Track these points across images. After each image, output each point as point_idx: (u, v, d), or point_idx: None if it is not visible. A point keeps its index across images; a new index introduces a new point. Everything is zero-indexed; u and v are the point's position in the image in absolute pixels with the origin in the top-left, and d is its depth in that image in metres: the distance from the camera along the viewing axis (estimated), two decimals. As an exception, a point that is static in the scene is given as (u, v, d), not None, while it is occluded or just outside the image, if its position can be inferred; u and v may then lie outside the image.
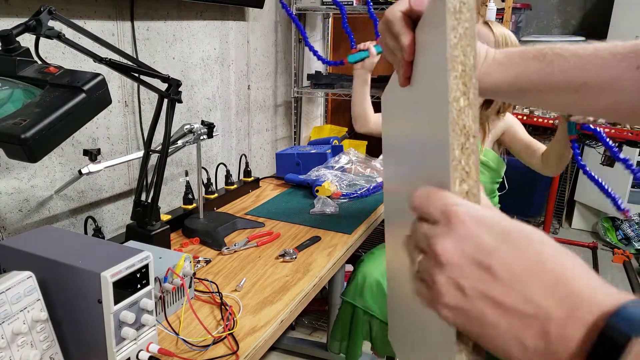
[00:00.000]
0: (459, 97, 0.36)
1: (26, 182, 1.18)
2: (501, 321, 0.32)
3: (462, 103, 0.36)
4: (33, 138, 0.72)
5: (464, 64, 0.36)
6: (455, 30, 0.36)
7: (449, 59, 0.36)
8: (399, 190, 0.62)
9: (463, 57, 0.37)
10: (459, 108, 0.36)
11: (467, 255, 0.33)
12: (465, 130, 0.36)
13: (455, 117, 0.36)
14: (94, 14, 1.30)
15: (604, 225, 3.34)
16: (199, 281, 1.10)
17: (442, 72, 0.38)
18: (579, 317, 0.30)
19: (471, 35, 0.37)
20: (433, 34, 0.43)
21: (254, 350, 0.90)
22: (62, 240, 0.82)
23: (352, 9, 2.14)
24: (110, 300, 0.71)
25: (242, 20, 1.96)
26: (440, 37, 0.38)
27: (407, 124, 0.55)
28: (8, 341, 0.66)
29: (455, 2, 0.37)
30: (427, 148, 0.43)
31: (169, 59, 1.58)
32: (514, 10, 2.35)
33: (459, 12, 0.37)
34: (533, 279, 0.31)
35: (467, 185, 0.36)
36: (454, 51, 0.36)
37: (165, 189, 1.64)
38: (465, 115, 0.36)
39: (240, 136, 2.06)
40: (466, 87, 0.36)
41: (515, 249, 0.33)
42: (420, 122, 0.47)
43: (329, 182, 1.68)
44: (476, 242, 0.33)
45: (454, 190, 0.36)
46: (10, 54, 0.83)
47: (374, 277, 1.50)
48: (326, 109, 2.84)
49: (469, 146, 0.36)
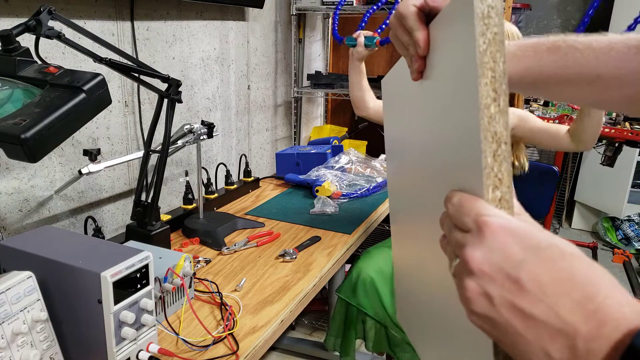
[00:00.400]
0: (490, 104, 0.36)
1: (26, 182, 1.18)
2: (528, 332, 0.32)
3: (492, 110, 0.36)
4: (33, 138, 0.72)
5: (494, 70, 0.36)
6: (484, 36, 0.36)
7: (479, 65, 0.36)
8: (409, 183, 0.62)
9: (493, 63, 0.36)
10: (490, 115, 0.36)
11: (496, 265, 0.34)
12: (497, 137, 0.36)
13: (487, 124, 0.36)
14: (94, 14, 1.30)
15: (604, 225, 3.34)
16: (199, 281, 1.10)
17: (470, 77, 0.37)
18: (606, 334, 0.30)
19: (500, 41, 0.36)
20: (455, 34, 0.42)
21: (254, 350, 0.90)
22: (62, 240, 0.82)
23: (352, 8, 2.14)
24: (110, 300, 0.71)
25: (242, 20, 1.96)
26: (467, 41, 0.38)
27: (418, 119, 0.55)
28: (8, 341, 0.66)
29: (484, 6, 0.36)
30: (452, 151, 0.43)
31: (169, 59, 1.58)
32: (514, 10, 2.36)
33: (487, 17, 0.36)
34: (562, 293, 0.32)
35: (500, 192, 0.36)
36: (484, 57, 0.36)
37: (165, 189, 1.65)
38: (496, 122, 0.36)
39: (240, 136, 2.06)
40: (496, 93, 0.36)
41: (546, 261, 0.33)
42: (438, 122, 0.47)
43: (329, 182, 1.68)
44: (506, 253, 0.34)
45: (487, 197, 0.36)
46: (10, 54, 0.83)
47: (368, 274, 1.50)
48: (326, 109, 2.84)
49: (500, 153, 0.36)
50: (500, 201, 0.37)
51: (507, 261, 0.34)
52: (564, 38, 0.58)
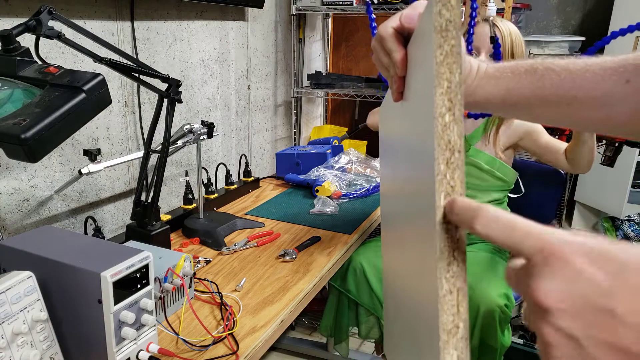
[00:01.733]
0: (445, 112, 0.37)
1: (26, 182, 1.18)
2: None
3: (447, 119, 0.37)
4: (33, 138, 0.72)
5: (450, 81, 0.37)
6: (442, 48, 0.37)
7: (435, 75, 0.37)
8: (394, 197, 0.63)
9: (449, 74, 0.37)
10: (444, 123, 0.37)
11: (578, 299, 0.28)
12: (451, 145, 0.37)
13: (441, 132, 0.37)
14: (94, 14, 1.30)
15: (604, 225, 3.34)
16: (199, 281, 1.10)
17: (429, 88, 0.39)
18: None
19: (457, 53, 0.38)
20: (422, 51, 0.44)
21: (254, 350, 0.90)
22: (62, 240, 0.82)
23: (352, 8, 2.14)
24: (110, 300, 0.71)
25: (242, 20, 1.96)
26: (427, 53, 0.39)
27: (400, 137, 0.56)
28: (8, 341, 0.66)
29: (442, 20, 0.38)
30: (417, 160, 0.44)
31: (169, 59, 1.58)
32: (513, 10, 2.35)
33: (445, 30, 0.38)
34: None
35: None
36: (440, 68, 0.37)
37: (165, 189, 1.64)
38: (450, 131, 0.37)
39: (240, 136, 2.06)
40: (452, 103, 0.37)
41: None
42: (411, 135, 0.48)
43: (329, 182, 1.68)
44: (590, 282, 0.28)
45: (439, 204, 0.36)
46: (10, 54, 0.83)
47: (358, 262, 1.51)
48: (326, 109, 2.84)
49: (454, 161, 0.37)
50: None
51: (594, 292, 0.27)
52: (540, 61, 0.58)
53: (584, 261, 0.28)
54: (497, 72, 0.60)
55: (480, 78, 0.60)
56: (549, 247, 0.29)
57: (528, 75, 0.58)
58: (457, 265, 0.36)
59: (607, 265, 0.28)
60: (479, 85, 0.60)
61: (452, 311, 0.35)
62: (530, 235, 0.31)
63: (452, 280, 0.35)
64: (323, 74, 2.37)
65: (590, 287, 0.28)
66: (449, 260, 0.36)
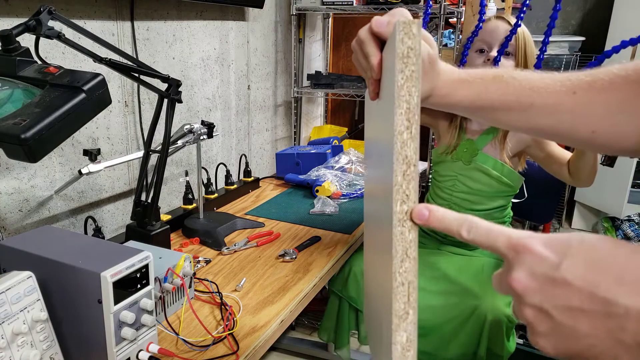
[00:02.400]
0: (403, 131, 0.41)
1: (26, 182, 1.18)
2: (596, 328, 0.32)
3: (405, 136, 0.41)
4: (33, 138, 0.72)
5: (409, 103, 0.41)
6: (403, 73, 0.41)
7: (396, 97, 0.41)
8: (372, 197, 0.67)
9: (408, 96, 0.41)
10: (403, 140, 0.41)
11: (538, 276, 0.34)
12: (407, 160, 0.41)
13: (399, 148, 0.41)
14: (94, 14, 1.30)
15: (604, 225, 3.33)
16: (199, 281, 1.10)
17: (391, 107, 0.42)
18: None
19: (416, 77, 0.41)
20: (389, 66, 0.47)
21: (254, 350, 0.90)
22: (62, 240, 0.82)
23: (352, 8, 2.13)
24: (110, 300, 0.71)
25: (242, 20, 1.96)
26: (391, 74, 0.43)
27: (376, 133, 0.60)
28: (8, 341, 0.66)
29: (404, 48, 0.41)
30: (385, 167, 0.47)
31: (169, 59, 1.58)
32: (513, 10, 2.35)
33: (406, 57, 0.41)
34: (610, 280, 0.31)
35: (407, 206, 0.41)
36: (401, 91, 0.41)
37: (165, 189, 1.64)
38: (407, 147, 0.41)
39: (240, 136, 2.06)
40: (409, 122, 0.41)
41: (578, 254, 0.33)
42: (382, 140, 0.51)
43: (329, 182, 1.68)
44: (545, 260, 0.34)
45: (395, 210, 0.41)
46: (10, 54, 0.83)
47: (359, 268, 1.51)
48: (326, 109, 2.84)
49: (409, 173, 0.41)
50: (407, 213, 0.41)
51: (547, 268, 0.34)
52: (505, 71, 0.65)
53: (540, 247, 0.35)
54: (469, 77, 0.65)
55: (453, 82, 0.64)
56: (516, 240, 0.36)
57: (495, 82, 0.63)
58: (409, 262, 0.41)
59: (557, 247, 0.34)
60: (451, 87, 0.64)
61: (403, 300, 0.41)
62: (503, 235, 0.37)
63: (404, 274, 0.41)
64: (323, 74, 2.37)
65: (546, 264, 0.34)
66: (402, 257, 0.41)
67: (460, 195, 1.48)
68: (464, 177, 1.47)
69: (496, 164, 1.45)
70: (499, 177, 1.45)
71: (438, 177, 1.55)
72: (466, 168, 1.46)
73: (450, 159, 1.49)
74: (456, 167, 1.48)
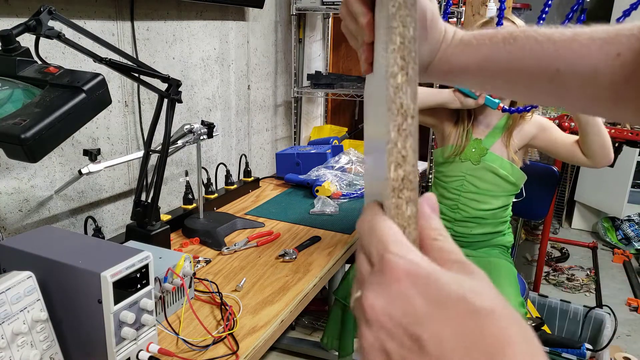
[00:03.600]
0: (397, 72, 0.32)
1: (26, 182, 1.18)
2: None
3: (399, 79, 0.32)
4: (33, 138, 0.72)
5: (403, 36, 0.32)
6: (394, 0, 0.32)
7: (387, 30, 0.33)
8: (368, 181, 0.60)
9: (402, 28, 0.32)
10: (397, 85, 0.32)
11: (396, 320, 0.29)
12: (403, 110, 0.32)
13: (392, 94, 0.32)
14: (94, 14, 1.30)
15: (604, 225, 3.34)
16: (199, 281, 1.10)
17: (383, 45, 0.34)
18: None
19: (411, 4, 0.33)
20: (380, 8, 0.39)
21: (254, 350, 0.90)
22: (62, 240, 0.82)
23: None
24: (110, 300, 0.71)
25: (242, 20, 1.96)
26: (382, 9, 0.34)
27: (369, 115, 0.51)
28: (8, 341, 0.66)
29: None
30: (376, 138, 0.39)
31: (169, 59, 1.58)
32: (513, 11, 2.36)
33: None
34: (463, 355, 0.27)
35: (403, 170, 0.32)
36: (393, 22, 0.32)
37: (165, 189, 1.64)
38: (403, 93, 0.32)
39: (240, 136, 2.06)
40: (404, 61, 0.32)
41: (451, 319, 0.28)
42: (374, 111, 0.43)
43: (329, 182, 1.68)
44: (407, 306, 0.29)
45: (389, 176, 0.32)
46: (10, 54, 0.83)
47: None
48: (326, 109, 2.84)
49: (406, 127, 0.32)
50: (403, 180, 0.32)
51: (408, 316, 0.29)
52: (523, 29, 0.52)
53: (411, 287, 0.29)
54: (474, 40, 0.54)
55: (456, 45, 0.55)
56: (387, 256, 0.30)
57: (505, 44, 0.52)
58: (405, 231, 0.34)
59: (430, 295, 0.29)
60: (454, 52, 0.55)
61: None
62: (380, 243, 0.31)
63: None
64: (323, 74, 2.37)
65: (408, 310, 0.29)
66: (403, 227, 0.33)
67: (468, 195, 1.48)
68: (472, 177, 1.47)
69: (503, 162, 1.45)
70: (506, 176, 1.45)
71: (444, 179, 1.54)
72: (475, 168, 1.46)
73: (458, 159, 1.49)
74: (464, 168, 1.48)
